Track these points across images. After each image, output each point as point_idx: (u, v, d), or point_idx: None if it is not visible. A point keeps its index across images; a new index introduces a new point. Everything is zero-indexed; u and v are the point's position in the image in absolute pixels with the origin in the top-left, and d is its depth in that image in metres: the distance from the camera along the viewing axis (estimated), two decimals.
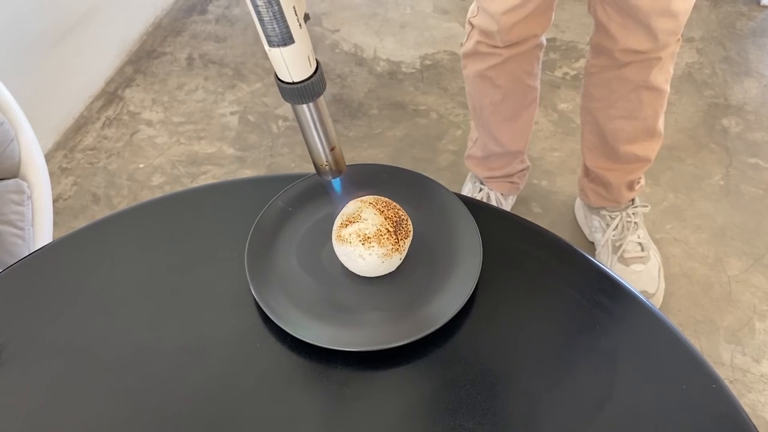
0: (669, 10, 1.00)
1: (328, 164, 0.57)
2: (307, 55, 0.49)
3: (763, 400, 1.23)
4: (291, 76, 0.48)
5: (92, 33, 1.79)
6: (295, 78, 0.48)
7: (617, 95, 1.17)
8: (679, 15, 1.02)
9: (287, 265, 0.64)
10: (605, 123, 1.23)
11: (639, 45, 1.06)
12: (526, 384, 0.57)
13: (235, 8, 2.11)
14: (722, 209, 1.52)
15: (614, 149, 1.25)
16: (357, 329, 0.59)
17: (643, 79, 1.13)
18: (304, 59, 0.49)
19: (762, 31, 1.97)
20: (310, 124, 0.53)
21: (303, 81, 0.48)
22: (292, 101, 0.50)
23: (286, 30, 0.47)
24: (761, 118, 1.72)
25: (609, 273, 0.64)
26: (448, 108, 1.77)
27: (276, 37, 0.46)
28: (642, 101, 1.16)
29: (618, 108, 1.19)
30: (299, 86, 0.48)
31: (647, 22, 1.02)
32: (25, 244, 0.92)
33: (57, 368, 0.59)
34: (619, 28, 1.06)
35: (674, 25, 1.04)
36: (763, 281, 1.39)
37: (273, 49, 0.46)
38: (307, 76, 0.48)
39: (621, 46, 1.08)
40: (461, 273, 0.61)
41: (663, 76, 1.14)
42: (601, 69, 1.17)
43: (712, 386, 0.56)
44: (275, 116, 1.77)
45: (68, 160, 1.67)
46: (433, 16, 2.05)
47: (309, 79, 0.48)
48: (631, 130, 1.22)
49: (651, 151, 1.26)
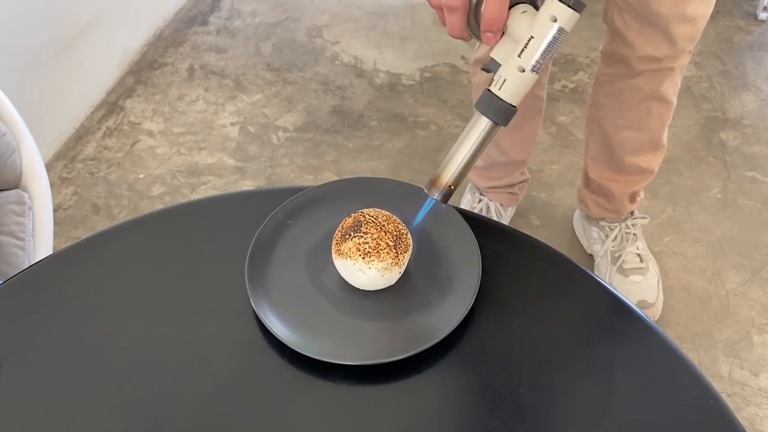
0: (687, 14, 1.01)
1: (450, 187, 0.57)
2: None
3: (761, 414, 1.23)
4: (513, 99, 0.54)
5: (94, 44, 1.80)
6: (514, 102, 0.54)
7: (627, 105, 1.18)
8: (697, 20, 1.04)
9: (287, 278, 0.64)
10: (612, 133, 1.23)
11: (657, 51, 1.07)
12: (525, 397, 0.57)
13: (236, 20, 2.12)
14: (720, 222, 1.53)
15: (619, 160, 1.25)
16: (356, 343, 0.59)
17: (654, 89, 1.14)
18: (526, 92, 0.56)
19: (759, 45, 1.99)
20: (476, 140, 0.56)
21: (513, 106, 0.54)
22: (490, 115, 0.55)
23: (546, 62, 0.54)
24: (759, 132, 1.73)
25: (607, 287, 0.65)
26: (448, 120, 1.78)
27: (539, 66, 0.53)
28: (651, 112, 1.17)
29: (626, 118, 1.20)
30: (511, 108, 0.54)
31: (666, 28, 1.03)
32: (26, 255, 0.93)
33: (57, 380, 0.59)
34: (637, 35, 1.07)
35: (692, 31, 1.05)
36: (761, 294, 1.39)
37: (532, 74, 0.54)
38: (517, 104, 0.55)
39: (639, 53, 1.09)
40: (460, 287, 0.62)
41: (672, 88, 1.16)
42: (613, 78, 1.17)
43: (710, 401, 0.56)
44: (275, 127, 1.77)
45: (68, 170, 1.67)
46: (433, 29, 2.06)
47: (515, 108, 0.55)
48: (637, 140, 1.22)
49: (654, 163, 1.27)
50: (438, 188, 0.57)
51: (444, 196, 0.58)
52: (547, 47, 0.53)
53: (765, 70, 1.91)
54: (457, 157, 0.57)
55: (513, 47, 0.54)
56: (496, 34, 0.55)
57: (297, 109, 1.82)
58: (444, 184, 0.57)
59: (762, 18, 2.06)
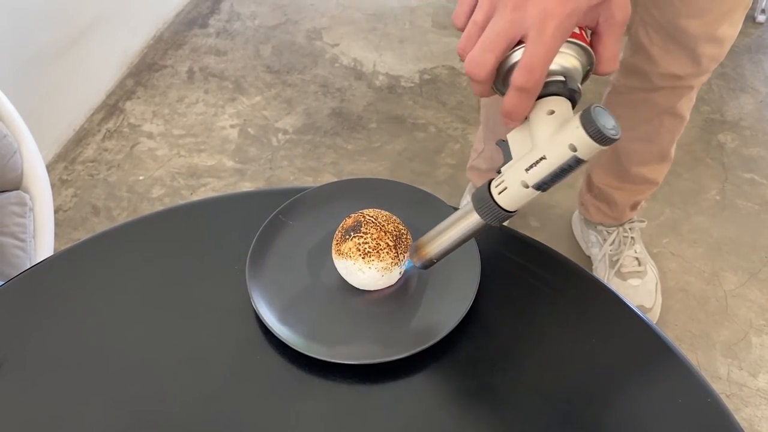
0: (716, 36, 0.99)
1: (433, 261, 0.57)
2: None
3: (760, 415, 1.23)
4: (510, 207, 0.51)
5: (94, 46, 1.80)
6: (511, 209, 0.51)
7: (641, 118, 1.16)
8: (725, 41, 1.01)
9: (287, 278, 0.64)
10: (622, 143, 1.21)
11: (680, 70, 1.05)
12: (523, 397, 0.57)
13: (236, 22, 2.12)
14: (718, 224, 1.53)
15: (626, 169, 1.24)
16: (356, 342, 0.59)
17: (670, 105, 1.12)
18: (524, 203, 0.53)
19: (757, 47, 1.99)
20: (465, 233, 0.55)
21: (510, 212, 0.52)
22: (484, 216, 0.53)
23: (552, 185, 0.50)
24: (757, 134, 1.73)
25: (606, 287, 0.65)
26: (447, 122, 1.78)
27: (544, 187, 0.49)
28: (663, 126, 1.16)
29: (639, 130, 1.18)
30: (505, 214, 0.52)
31: (693, 47, 1.00)
32: (27, 256, 0.93)
33: (57, 380, 0.59)
34: (661, 52, 1.04)
35: (719, 52, 1.03)
36: (759, 296, 1.40)
37: (535, 191, 0.49)
38: (514, 210, 0.52)
39: (661, 70, 1.06)
40: (460, 287, 0.62)
41: (687, 104, 1.14)
42: (630, 90, 1.14)
43: (708, 401, 0.57)
44: (275, 129, 1.78)
45: (68, 172, 1.68)
46: (432, 31, 2.07)
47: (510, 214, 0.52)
48: (645, 152, 1.21)
49: (660, 174, 1.26)
50: (421, 258, 0.57)
51: (424, 266, 0.58)
52: (557, 173, 0.48)
53: (763, 72, 1.91)
54: (443, 237, 0.56)
55: (527, 148, 0.49)
56: (517, 123, 0.51)
57: (296, 111, 1.83)
58: (426, 256, 0.57)
59: (760, 20, 2.06)
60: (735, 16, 0.99)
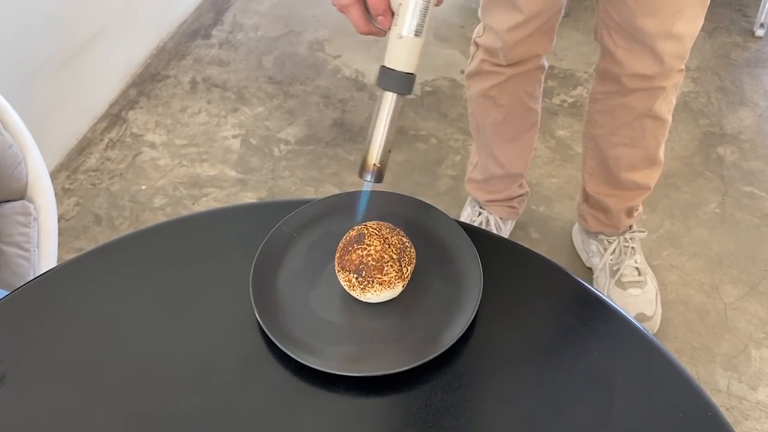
0: (673, 32, 1.02)
1: (377, 165, 0.59)
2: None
3: (760, 428, 1.23)
4: (405, 66, 0.56)
5: (97, 56, 1.82)
6: (406, 69, 0.56)
7: (621, 123, 1.19)
8: (684, 38, 1.05)
9: (291, 290, 0.65)
10: (607, 149, 1.25)
11: (646, 69, 1.08)
12: (525, 409, 0.58)
13: (239, 33, 2.14)
14: (718, 237, 1.54)
15: (615, 176, 1.27)
16: (359, 354, 0.60)
17: (647, 107, 1.15)
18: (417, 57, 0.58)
19: (756, 61, 2.01)
20: (386, 115, 0.58)
21: (409, 73, 0.56)
22: (389, 87, 0.57)
23: (423, 24, 0.56)
24: (756, 147, 1.74)
25: (606, 300, 0.66)
26: (448, 133, 1.79)
27: (419, 27, 0.55)
28: (645, 130, 1.18)
29: (621, 135, 1.21)
30: (406, 75, 0.56)
31: (653, 46, 1.04)
32: (30, 266, 0.93)
33: (62, 390, 0.60)
34: (625, 53, 1.08)
35: (680, 49, 1.06)
36: (759, 309, 1.40)
37: (413, 38, 0.55)
38: (412, 71, 0.57)
39: (628, 71, 1.10)
40: (462, 299, 0.63)
41: (666, 107, 1.17)
42: (607, 96, 1.19)
43: (708, 414, 0.57)
44: (277, 140, 1.79)
45: (71, 181, 1.68)
46: (433, 44, 2.08)
47: (411, 74, 0.57)
48: (632, 157, 1.23)
49: (651, 179, 1.28)
50: (368, 171, 0.60)
51: (376, 177, 0.60)
52: (414, 8, 0.55)
53: (762, 85, 1.93)
54: (376, 137, 0.59)
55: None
56: (385, 15, 0.58)
57: (298, 121, 1.84)
58: (371, 164, 0.59)
59: (759, 34, 2.08)
60: (690, 12, 1.02)
